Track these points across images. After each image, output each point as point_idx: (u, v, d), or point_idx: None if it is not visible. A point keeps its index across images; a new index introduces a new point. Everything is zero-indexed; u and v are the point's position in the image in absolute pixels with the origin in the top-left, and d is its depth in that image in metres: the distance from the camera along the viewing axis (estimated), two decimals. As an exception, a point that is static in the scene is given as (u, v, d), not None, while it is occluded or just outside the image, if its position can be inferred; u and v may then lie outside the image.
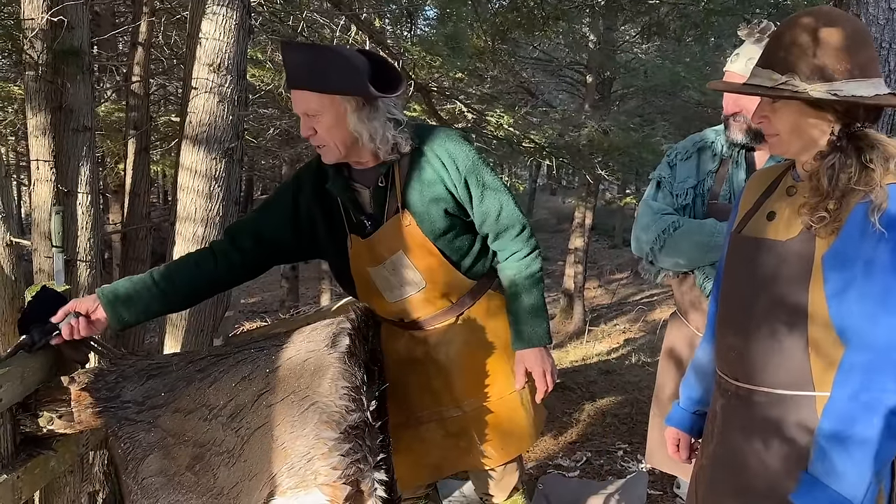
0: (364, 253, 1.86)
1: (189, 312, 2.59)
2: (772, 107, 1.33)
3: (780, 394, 1.33)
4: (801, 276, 1.29)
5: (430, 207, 1.81)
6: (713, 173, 2.01)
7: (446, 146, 1.81)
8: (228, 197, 2.66)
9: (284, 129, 9.66)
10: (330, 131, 1.73)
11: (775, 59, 1.30)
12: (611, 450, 3.73)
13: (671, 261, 1.99)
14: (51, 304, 1.70)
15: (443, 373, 1.94)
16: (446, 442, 1.98)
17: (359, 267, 1.89)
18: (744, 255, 1.41)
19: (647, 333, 9.43)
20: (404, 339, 1.96)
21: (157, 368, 1.66)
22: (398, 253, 1.83)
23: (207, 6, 2.55)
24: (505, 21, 6.23)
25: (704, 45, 9.68)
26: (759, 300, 1.35)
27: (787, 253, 1.31)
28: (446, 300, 1.91)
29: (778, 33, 1.32)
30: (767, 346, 1.34)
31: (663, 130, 9.88)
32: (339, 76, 1.69)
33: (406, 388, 1.95)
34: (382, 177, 1.80)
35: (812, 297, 1.27)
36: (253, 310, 12.58)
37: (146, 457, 1.59)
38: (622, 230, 19.04)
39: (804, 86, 1.25)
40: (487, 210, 1.84)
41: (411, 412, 1.97)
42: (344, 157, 1.78)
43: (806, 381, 1.30)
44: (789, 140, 1.33)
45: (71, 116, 2.56)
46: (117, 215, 5.89)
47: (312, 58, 1.73)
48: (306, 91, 1.70)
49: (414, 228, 1.81)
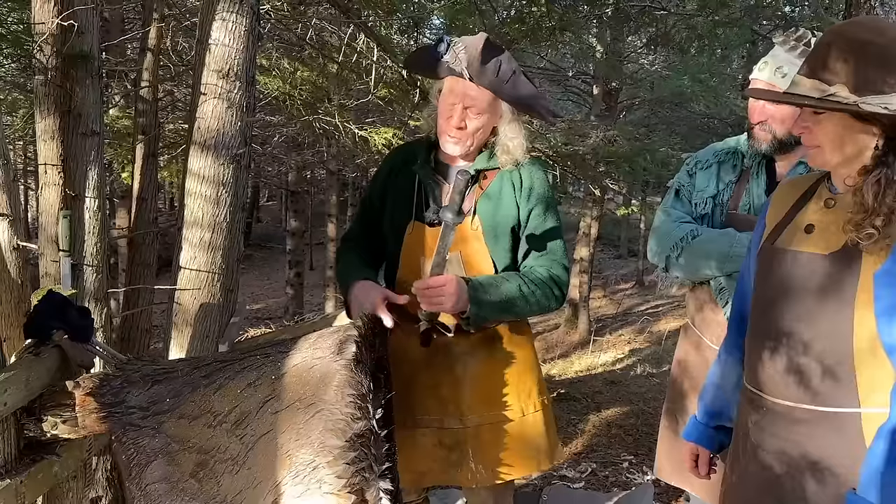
0: (425, 241, 1.90)
1: (195, 318, 2.59)
2: (815, 118, 1.29)
3: (824, 411, 1.28)
4: (846, 290, 1.25)
5: (498, 220, 1.90)
6: (733, 183, 1.99)
7: (531, 169, 1.94)
8: (236, 203, 2.66)
9: (290, 136, 9.69)
10: (479, 130, 1.86)
11: (821, 69, 1.25)
12: (616, 461, 3.71)
13: (688, 270, 1.97)
14: (57, 308, 1.69)
15: (456, 383, 1.93)
16: (436, 452, 1.94)
17: (414, 254, 1.92)
18: (779, 267, 1.37)
19: (652, 344, 9.40)
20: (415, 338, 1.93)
21: (162, 374, 1.65)
22: (457, 252, 1.89)
23: (217, 12, 2.56)
24: (512, 31, 6.24)
25: (711, 57, 9.67)
26: (799, 314, 1.32)
27: (829, 267, 1.28)
28: None
29: (824, 42, 1.28)
30: (808, 361, 1.30)
31: (669, 141, 9.87)
32: (525, 88, 1.85)
33: (412, 388, 1.93)
34: (472, 178, 1.87)
35: (858, 312, 1.24)
36: (258, 316, 12.59)
37: (150, 463, 1.58)
38: (627, 240, 19.02)
39: (853, 98, 1.21)
40: (540, 240, 1.91)
41: (411, 414, 1.94)
42: (464, 153, 1.91)
43: (851, 398, 1.26)
44: (831, 152, 1.29)
45: (80, 121, 2.57)
46: (124, 220, 5.90)
47: (502, 60, 1.82)
48: (483, 88, 1.81)
49: (479, 234, 1.90)
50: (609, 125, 8.49)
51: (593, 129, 7.82)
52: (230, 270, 2.68)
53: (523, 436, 1.96)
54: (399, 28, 6.77)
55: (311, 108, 6.27)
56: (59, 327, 1.67)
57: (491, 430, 1.93)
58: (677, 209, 2.03)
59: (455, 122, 1.84)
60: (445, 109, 1.86)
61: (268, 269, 17.93)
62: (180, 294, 2.60)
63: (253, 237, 19.81)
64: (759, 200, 1.93)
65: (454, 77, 1.84)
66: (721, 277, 1.92)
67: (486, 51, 1.81)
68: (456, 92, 1.84)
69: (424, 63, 1.95)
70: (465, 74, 1.81)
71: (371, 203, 2.04)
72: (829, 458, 1.28)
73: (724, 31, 8.46)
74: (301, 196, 12.68)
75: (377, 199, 2.01)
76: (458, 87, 1.84)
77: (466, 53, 1.81)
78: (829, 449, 1.28)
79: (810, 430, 1.30)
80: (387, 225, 1.98)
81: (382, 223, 1.99)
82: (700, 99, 9.24)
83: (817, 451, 1.29)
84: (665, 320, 11.05)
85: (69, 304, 1.74)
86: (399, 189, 1.95)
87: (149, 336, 4.59)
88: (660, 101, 10.98)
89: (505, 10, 7.37)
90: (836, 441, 1.27)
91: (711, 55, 9.52)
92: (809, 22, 7.53)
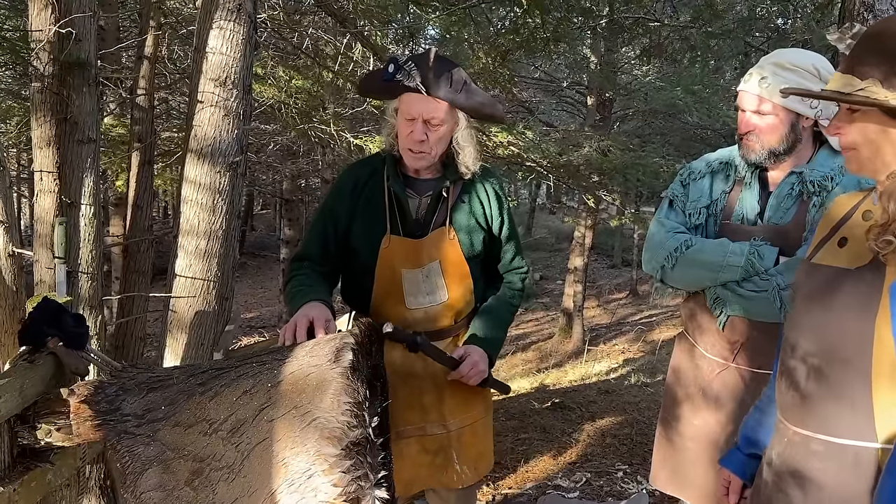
0: (404, 253, 1.93)
1: (190, 326, 2.58)
2: (850, 116, 1.19)
3: (840, 444, 1.18)
4: (868, 307, 1.14)
5: (471, 231, 1.99)
6: (726, 193, 2.00)
7: (494, 186, 2.05)
8: (232, 210, 2.67)
9: (285, 144, 9.69)
10: (440, 141, 1.90)
11: (857, 64, 1.16)
12: (610, 471, 3.71)
13: (683, 280, 1.98)
14: (52, 315, 1.69)
15: (437, 389, 2.00)
16: (421, 458, 2.00)
17: (391, 266, 1.94)
18: (812, 284, 1.27)
19: (646, 354, 9.42)
20: (400, 351, 1.97)
21: (157, 381, 1.64)
22: (436, 262, 1.94)
23: (215, 21, 2.57)
24: (506, 42, 6.27)
25: (704, 68, 9.75)
26: (823, 334, 1.21)
27: (856, 282, 1.18)
28: (452, 319, 2.02)
29: (864, 36, 1.18)
30: (828, 388, 1.19)
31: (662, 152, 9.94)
32: (479, 95, 1.93)
33: (394, 401, 1.94)
34: (445, 189, 1.94)
35: (879, 332, 1.12)
36: (251, 325, 12.55)
37: (145, 471, 1.57)
38: (621, 250, 19.07)
39: (885, 93, 1.11)
40: (507, 250, 2.10)
41: (395, 426, 1.97)
42: (428, 166, 1.95)
43: (868, 431, 1.15)
44: (867, 155, 1.19)
45: (76, 128, 2.57)
46: (117, 228, 5.89)
47: (453, 72, 1.87)
48: (440, 101, 1.85)
49: (455, 244, 1.97)
50: (603, 135, 8.53)
51: (587, 140, 7.86)
52: (226, 278, 2.68)
53: (487, 433, 2.11)
54: (395, 38, 6.80)
55: (306, 117, 6.28)
56: (54, 334, 1.67)
57: (470, 431, 2.05)
58: (671, 219, 2.05)
59: (417, 135, 1.86)
60: (405, 126, 1.88)
61: (261, 277, 17.90)
62: (175, 301, 2.60)
63: (247, 246, 19.77)
64: (752, 210, 1.94)
65: (410, 93, 1.86)
66: (716, 287, 1.93)
67: (438, 64, 1.86)
68: (414, 107, 1.86)
69: (377, 87, 1.98)
70: (420, 89, 1.84)
71: (335, 218, 1.99)
72: (845, 498, 1.17)
73: (718, 42, 8.54)
74: (295, 204, 12.67)
75: (344, 214, 1.98)
76: (415, 102, 1.86)
77: (419, 69, 1.85)
78: (845, 488, 1.17)
79: (825, 465, 1.19)
80: (358, 239, 1.97)
81: (350, 238, 1.98)
82: (693, 110, 9.30)
83: (834, 489, 1.18)
84: (659, 330, 11.08)
85: (64, 311, 1.74)
86: (370, 203, 1.96)
87: (143, 344, 4.57)
88: (653, 111, 11.05)
89: (500, 20, 7.42)
90: (852, 479, 1.16)
91: (705, 66, 9.59)
92: (801, 34, 7.60)
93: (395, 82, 1.86)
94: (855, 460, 1.16)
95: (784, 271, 1.83)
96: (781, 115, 1.84)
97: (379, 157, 2.02)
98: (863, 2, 3.18)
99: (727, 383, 1.97)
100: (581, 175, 7.63)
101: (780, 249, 1.86)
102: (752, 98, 1.87)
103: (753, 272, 1.85)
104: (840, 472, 1.17)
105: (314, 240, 2.02)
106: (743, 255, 1.86)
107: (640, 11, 8.84)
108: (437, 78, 1.84)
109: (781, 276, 1.82)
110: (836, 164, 1.88)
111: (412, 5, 5.63)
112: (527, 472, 3.72)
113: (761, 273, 1.85)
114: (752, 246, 1.86)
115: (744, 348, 1.93)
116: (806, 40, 7.11)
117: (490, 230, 2.04)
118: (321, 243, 2.00)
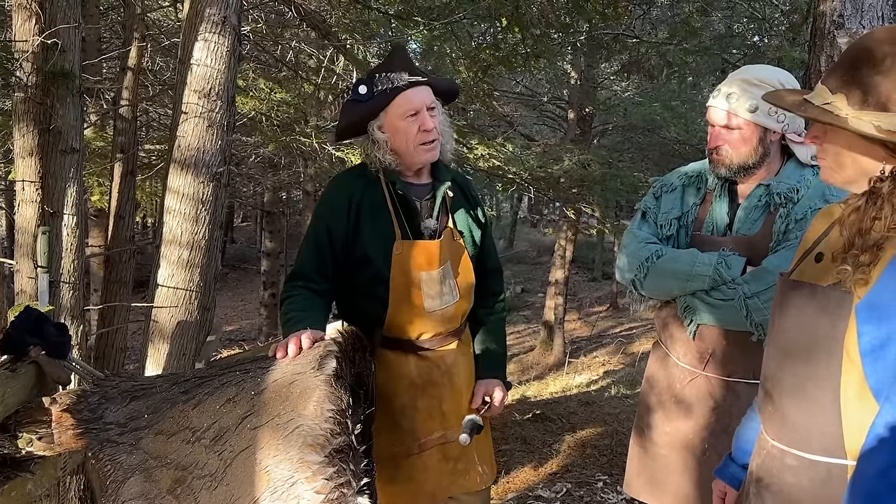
0: (421, 257, 1.93)
1: (171, 336, 2.58)
2: (823, 128, 1.16)
3: (811, 459, 1.17)
4: (837, 326, 1.12)
5: (470, 232, 2.06)
6: (697, 205, 2.05)
7: (472, 189, 2.13)
8: (214, 221, 2.67)
9: (266, 156, 9.68)
10: (438, 127, 1.93)
11: (830, 77, 1.13)
12: (591, 481, 3.73)
13: (654, 289, 2.03)
14: (34, 324, 1.69)
15: (455, 394, 2.02)
16: (443, 466, 2.00)
17: (406, 271, 1.92)
18: (787, 300, 1.26)
19: (626, 366, 9.48)
20: (413, 362, 1.98)
21: (140, 390, 1.65)
22: (448, 262, 1.96)
23: (199, 33, 2.59)
24: (487, 57, 6.34)
25: (682, 84, 9.92)
26: (796, 350, 1.21)
27: (826, 300, 1.15)
28: (459, 320, 2.04)
29: (844, 51, 1.16)
30: (800, 403, 1.19)
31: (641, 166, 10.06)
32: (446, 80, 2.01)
33: (415, 413, 1.97)
34: (449, 188, 1.98)
35: (847, 351, 1.11)
36: (231, 338, 12.45)
37: (127, 479, 1.57)
38: (602, 263, 19.20)
39: (848, 111, 1.08)
40: (489, 250, 2.14)
41: (417, 439, 1.98)
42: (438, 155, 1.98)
43: (838, 447, 1.13)
44: (833, 170, 1.18)
45: (59, 138, 2.56)
46: (97, 239, 5.83)
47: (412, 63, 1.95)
48: (429, 87, 1.91)
49: (461, 244, 2.02)
50: (583, 149, 8.63)
51: (568, 153, 7.95)
52: (208, 288, 2.69)
53: (488, 428, 2.15)
54: (378, 52, 6.84)
55: (287, 129, 6.29)
56: (36, 343, 1.67)
57: (485, 430, 2.07)
58: (644, 230, 2.10)
59: (428, 123, 1.88)
60: (409, 124, 1.88)
61: (241, 290, 17.76)
62: (157, 311, 2.60)
63: (227, 258, 19.63)
64: (722, 221, 2.00)
65: (402, 94, 1.88)
66: (686, 296, 1.98)
67: (407, 55, 1.95)
68: (414, 100, 1.88)
69: (357, 115, 1.94)
70: (415, 81, 1.88)
71: (330, 234, 1.94)
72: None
73: (695, 59, 8.69)
74: (277, 217, 12.63)
75: (342, 229, 1.94)
76: (411, 95, 1.88)
77: (394, 70, 1.89)
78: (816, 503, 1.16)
79: (799, 481, 1.19)
80: (367, 249, 1.93)
81: (355, 250, 1.94)
82: (671, 125, 9.44)
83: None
84: (639, 342, 11.16)
85: (46, 320, 1.74)
86: (374, 212, 1.94)
87: (123, 355, 4.53)
88: (632, 126, 11.20)
89: (480, 35, 7.50)
90: (823, 495, 1.15)
91: (682, 82, 9.75)
92: (776, 52, 7.77)
93: (375, 97, 1.88)
94: (827, 476, 1.15)
95: (750, 280, 1.87)
96: (749, 130, 1.89)
97: (364, 167, 2.00)
98: (833, 20, 3.28)
99: (698, 391, 2.01)
100: (561, 187, 7.71)
101: (748, 259, 1.91)
102: (720, 113, 1.92)
103: (721, 281, 1.90)
104: (812, 487, 1.17)
105: (309, 257, 1.96)
106: (711, 265, 1.90)
107: (619, 28, 8.99)
108: (413, 67, 1.91)
109: (748, 285, 1.87)
110: (802, 177, 1.94)
111: (394, 20, 5.69)
112: (508, 483, 3.74)
113: (729, 282, 1.89)
114: (720, 256, 1.91)
115: (714, 357, 1.97)
116: (780, 58, 7.26)
117: (482, 227, 2.10)
118: (316, 260, 1.95)
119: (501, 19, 5.34)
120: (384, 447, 1.93)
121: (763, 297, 1.83)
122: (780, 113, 1.87)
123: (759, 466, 1.30)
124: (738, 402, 1.93)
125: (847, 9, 3.24)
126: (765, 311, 1.82)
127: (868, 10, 3.22)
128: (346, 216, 1.93)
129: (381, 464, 1.91)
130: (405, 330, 1.95)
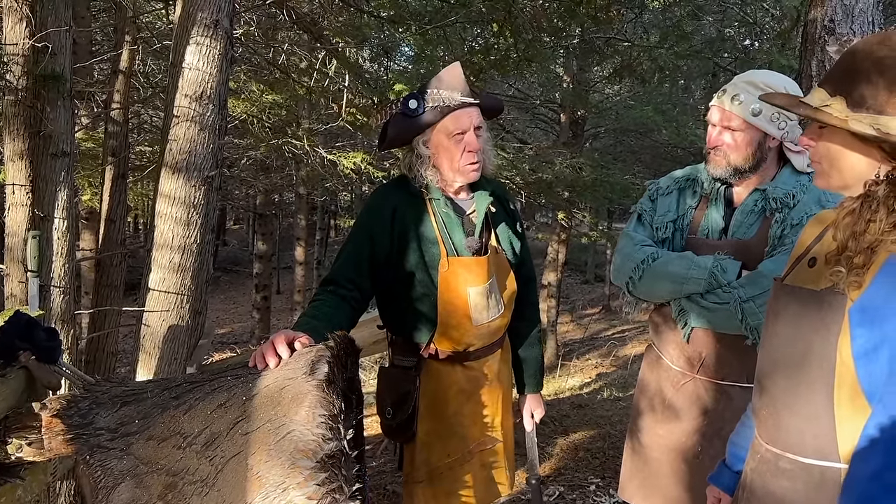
0: (469, 273, 1.93)
1: (163, 340, 2.57)
2: (818, 131, 1.17)
3: (805, 463, 1.18)
4: (831, 329, 1.12)
5: (510, 244, 2.07)
6: (693, 209, 2.06)
7: (511, 201, 2.14)
8: (206, 225, 2.66)
9: (258, 159, 9.66)
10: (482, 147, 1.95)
11: (831, 78, 1.14)
12: (583, 484, 3.73)
13: (648, 291, 2.03)
14: (24, 328, 1.68)
15: (494, 401, 2.05)
16: (481, 474, 2.04)
17: (454, 287, 1.92)
18: (781, 304, 1.26)
19: (618, 368, 9.50)
20: (460, 371, 2.00)
21: (131, 395, 1.64)
22: (493, 277, 1.97)
23: (192, 36, 2.58)
24: (479, 61, 6.36)
25: (673, 87, 9.96)
26: (790, 354, 1.21)
27: (819, 303, 1.16)
28: (502, 331, 2.07)
29: (844, 53, 1.15)
30: (794, 407, 1.19)
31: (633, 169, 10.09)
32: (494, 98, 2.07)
33: (462, 419, 2.00)
34: (490, 206, 1.98)
35: (841, 354, 1.11)
36: (223, 341, 12.40)
37: (117, 485, 1.56)
38: (594, 266, 19.25)
39: (847, 113, 1.08)
40: (525, 261, 2.15)
41: (467, 445, 2.00)
42: None
43: (832, 451, 1.14)
44: (828, 173, 1.18)
45: (50, 141, 2.55)
46: (88, 242, 5.80)
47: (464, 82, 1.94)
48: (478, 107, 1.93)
49: (504, 257, 2.04)
50: (575, 153, 8.65)
51: (560, 157, 7.97)
52: (199, 292, 2.68)
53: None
54: (371, 55, 6.85)
55: (279, 132, 6.29)
56: (26, 348, 1.66)
57: (511, 435, 2.14)
58: (639, 233, 2.10)
59: (474, 144, 1.89)
60: (455, 146, 1.89)
61: (234, 293, 17.70)
62: (148, 316, 2.58)
63: (219, 261, 19.56)
64: (717, 225, 2.00)
65: (451, 114, 1.87)
66: (681, 299, 1.98)
67: (461, 73, 1.92)
68: (462, 121, 1.88)
69: (404, 128, 1.92)
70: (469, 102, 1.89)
71: (373, 242, 1.92)
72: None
73: (686, 62, 8.74)
74: (269, 219, 12.59)
75: (389, 239, 1.92)
76: (461, 116, 1.88)
77: (448, 86, 1.88)
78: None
79: (793, 484, 1.20)
80: (412, 266, 1.92)
81: (400, 267, 1.92)
82: (663, 128, 9.47)
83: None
84: (631, 345, 11.19)
85: (36, 324, 1.73)
86: (417, 229, 1.93)
87: (114, 359, 4.51)
88: (624, 129, 11.23)
89: (473, 39, 7.51)
90: (818, 498, 1.15)
91: (674, 86, 9.80)
92: (766, 56, 7.82)
93: (425, 113, 1.87)
94: (820, 480, 1.16)
95: (746, 284, 1.88)
96: (750, 133, 1.90)
97: (406, 180, 1.97)
98: (824, 26, 3.30)
99: (691, 394, 2.02)
100: (553, 192, 7.73)
101: (743, 263, 1.92)
102: (723, 114, 1.93)
103: (716, 285, 1.91)
104: (807, 491, 1.17)
105: (347, 262, 1.93)
106: (706, 269, 1.91)
107: (610, 32, 9.02)
108: (465, 86, 1.90)
109: (743, 288, 1.88)
110: (798, 182, 1.95)
111: (387, 24, 5.69)
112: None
113: (724, 286, 1.90)
114: (715, 259, 1.92)
115: (707, 360, 1.98)
116: (770, 62, 7.31)
117: (521, 238, 2.12)
118: (352, 267, 1.91)
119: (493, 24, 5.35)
120: (438, 457, 1.96)
121: (758, 301, 1.83)
122: (781, 120, 1.88)
123: (753, 470, 1.31)
124: (731, 406, 1.94)
125: (838, 14, 3.26)
126: (760, 314, 1.82)
127: (859, 15, 3.25)
128: (389, 226, 1.92)
129: (436, 475, 1.96)
130: (453, 343, 1.96)
